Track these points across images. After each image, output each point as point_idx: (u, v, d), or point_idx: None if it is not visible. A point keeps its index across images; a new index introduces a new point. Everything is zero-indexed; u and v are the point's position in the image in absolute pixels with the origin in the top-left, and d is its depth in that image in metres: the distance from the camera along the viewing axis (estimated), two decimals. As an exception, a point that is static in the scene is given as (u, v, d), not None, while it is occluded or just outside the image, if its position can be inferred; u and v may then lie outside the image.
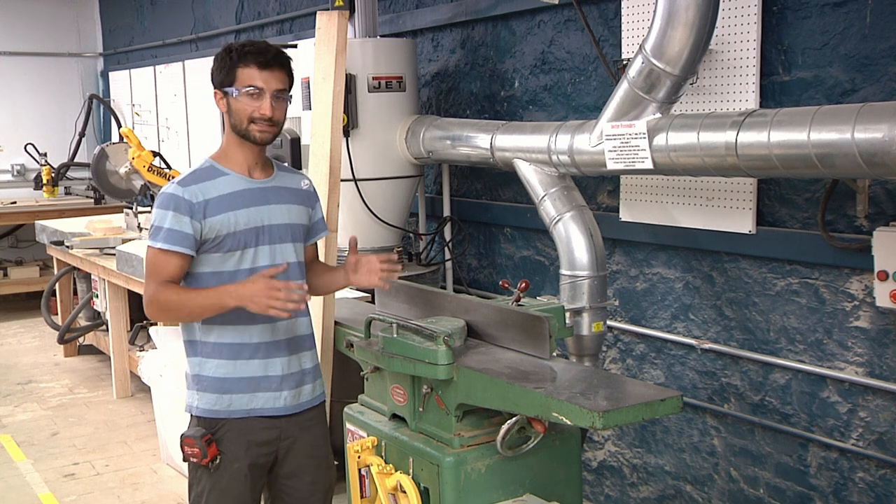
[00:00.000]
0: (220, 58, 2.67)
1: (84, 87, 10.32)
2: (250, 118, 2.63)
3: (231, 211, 2.64)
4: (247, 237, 2.66)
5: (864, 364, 3.24)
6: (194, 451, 2.66)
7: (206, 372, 2.71)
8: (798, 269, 3.42)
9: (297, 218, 2.80)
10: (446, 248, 5.07)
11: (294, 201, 2.81)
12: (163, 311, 2.67)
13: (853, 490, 3.31)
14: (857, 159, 2.69)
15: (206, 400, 2.71)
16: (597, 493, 4.38)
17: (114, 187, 6.85)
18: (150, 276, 2.64)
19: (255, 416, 2.71)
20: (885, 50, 3.07)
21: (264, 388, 2.72)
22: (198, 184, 2.64)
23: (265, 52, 2.64)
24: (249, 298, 2.51)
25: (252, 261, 2.68)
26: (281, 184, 2.79)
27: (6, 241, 9.54)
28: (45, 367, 7.07)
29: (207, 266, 2.66)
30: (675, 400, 2.49)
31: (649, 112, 3.32)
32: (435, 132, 4.50)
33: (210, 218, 2.61)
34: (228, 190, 2.66)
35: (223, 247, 2.64)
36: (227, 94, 2.65)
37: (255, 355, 2.70)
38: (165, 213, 2.60)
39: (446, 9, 4.99)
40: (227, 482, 2.70)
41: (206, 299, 2.59)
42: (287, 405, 2.76)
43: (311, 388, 2.84)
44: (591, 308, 3.60)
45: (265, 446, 2.75)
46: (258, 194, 2.71)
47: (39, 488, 4.77)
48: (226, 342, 2.69)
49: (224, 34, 7.63)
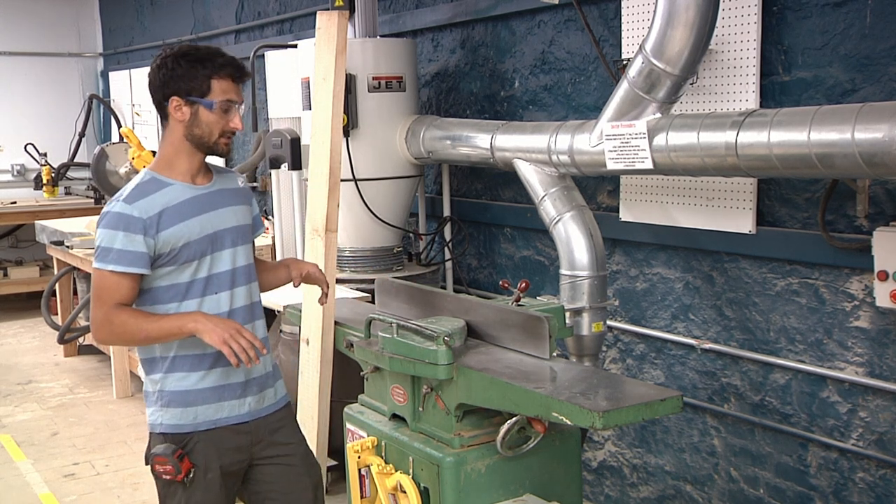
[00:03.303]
0: (182, 65, 2.55)
1: (84, 87, 10.32)
2: (221, 132, 2.58)
3: (184, 221, 2.57)
4: (202, 246, 2.60)
5: (865, 364, 3.24)
6: (167, 469, 2.59)
7: (168, 387, 2.64)
8: (798, 269, 3.42)
9: (243, 219, 2.75)
10: (446, 248, 5.07)
11: (237, 202, 2.75)
12: (116, 335, 2.56)
13: (853, 490, 3.31)
14: (857, 159, 2.69)
15: (171, 415, 2.64)
16: (597, 493, 4.38)
17: (114, 187, 6.84)
18: (99, 298, 2.53)
19: (222, 426, 2.67)
20: (885, 50, 3.07)
21: (228, 397, 2.67)
22: (145, 198, 2.54)
23: (239, 66, 2.60)
24: (210, 329, 2.46)
25: (209, 268, 2.62)
26: (222, 186, 2.72)
27: (6, 241, 9.54)
28: (45, 367, 7.07)
29: (162, 280, 2.58)
30: (675, 400, 2.49)
31: (649, 112, 3.32)
32: (435, 132, 4.50)
33: (163, 231, 2.53)
34: (178, 200, 2.58)
35: (179, 259, 2.57)
36: (196, 104, 2.55)
37: (217, 364, 2.64)
38: (115, 233, 2.49)
39: (446, 9, 4.99)
40: (202, 494, 2.64)
41: (167, 323, 2.52)
42: (251, 409, 2.71)
43: (273, 392, 2.79)
44: (591, 308, 3.60)
45: (237, 453, 2.70)
46: (205, 200, 2.64)
47: (39, 488, 4.77)
48: (187, 354, 2.63)
49: (224, 34, 7.63)
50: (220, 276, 2.64)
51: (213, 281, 2.63)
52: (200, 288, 2.61)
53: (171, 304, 2.60)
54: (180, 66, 2.55)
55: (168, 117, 2.60)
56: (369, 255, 4.73)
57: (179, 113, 2.57)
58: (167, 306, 2.59)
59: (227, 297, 2.65)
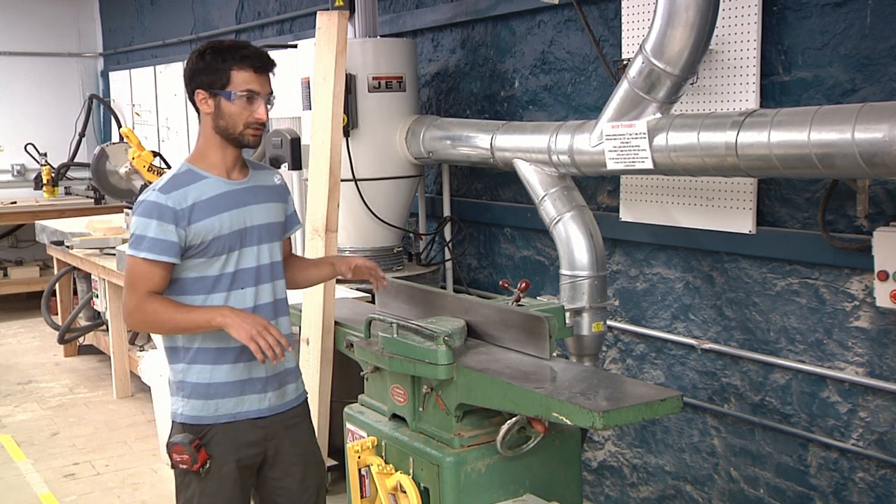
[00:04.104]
0: (206, 58, 2.61)
1: (84, 87, 10.32)
2: (246, 123, 2.62)
3: (216, 215, 2.60)
4: (231, 240, 2.63)
5: (865, 364, 3.24)
6: (184, 458, 2.63)
7: (190, 378, 2.68)
8: (798, 269, 3.42)
9: (275, 216, 2.79)
10: (446, 248, 5.07)
11: (271, 199, 2.78)
12: (147, 322, 2.61)
13: (853, 490, 3.31)
14: (858, 159, 2.69)
15: (192, 406, 2.68)
16: (597, 493, 4.38)
17: (114, 187, 6.85)
18: (132, 285, 2.57)
19: (241, 420, 2.70)
20: (885, 50, 3.07)
21: (249, 391, 2.70)
22: (179, 189, 2.58)
23: (261, 56, 2.62)
24: (238, 325, 2.49)
25: (236, 264, 2.65)
26: (257, 183, 2.76)
27: (6, 241, 9.54)
28: (45, 367, 7.07)
29: (191, 271, 2.62)
30: (675, 400, 2.49)
31: (649, 112, 3.32)
32: (435, 132, 4.50)
33: (195, 224, 2.57)
34: (210, 194, 2.62)
35: (209, 251, 2.60)
36: (218, 96, 2.60)
37: (240, 358, 2.67)
38: (148, 221, 2.54)
39: (446, 9, 4.99)
40: (216, 486, 2.67)
41: (197, 315, 2.56)
42: (272, 405, 2.74)
43: (294, 388, 2.83)
44: (591, 308, 3.60)
45: (253, 447, 2.73)
46: (239, 195, 2.68)
47: (39, 488, 4.77)
48: (210, 347, 2.66)
49: (224, 34, 7.62)
50: (246, 271, 2.67)
51: (240, 276, 2.66)
52: (227, 282, 2.64)
53: (199, 296, 2.63)
54: (203, 59, 2.61)
55: (199, 111, 2.66)
56: (369, 255, 4.73)
57: (206, 106, 2.62)
58: (194, 298, 2.63)
59: (252, 293, 2.68)
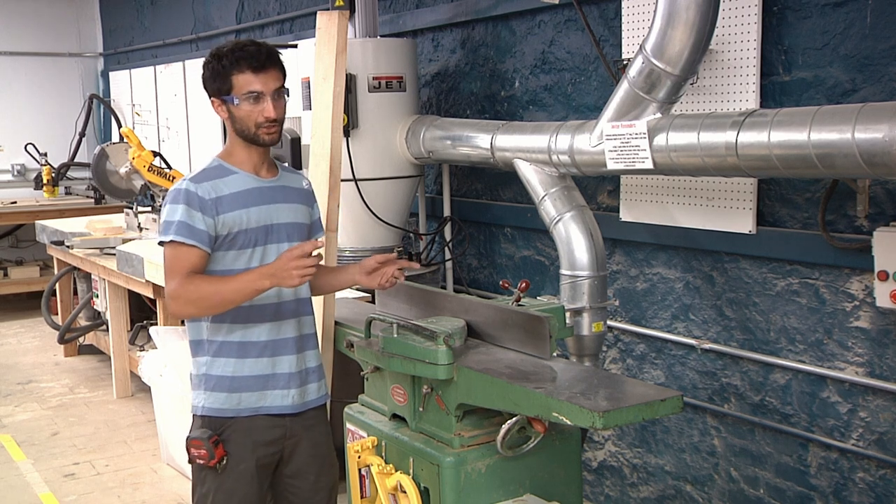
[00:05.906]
0: (210, 66, 2.65)
1: (84, 87, 10.32)
2: (256, 123, 2.64)
3: (243, 208, 2.65)
4: (257, 235, 2.68)
5: (865, 364, 3.24)
6: (201, 453, 2.65)
7: (214, 371, 2.71)
8: (798, 270, 3.42)
9: (301, 217, 2.83)
10: (446, 248, 5.07)
11: (298, 201, 2.83)
12: (191, 302, 2.58)
13: (853, 490, 3.31)
14: (858, 159, 2.69)
15: (214, 399, 2.70)
16: (597, 493, 4.38)
17: (114, 187, 6.84)
18: (170, 271, 2.59)
19: (263, 415, 2.72)
20: (885, 50, 3.07)
21: (272, 386, 2.73)
22: (210, 181, 2.65)
23: (258, 55, 2.62)
24: (282, 278, 2.51)
25: (261, 259, 2.69)
26: (286, 183, 2.82)
27: (6, 241, 9.54)
28: (45, 367, 7.07)
29: (219, 264, 2.66)
30: (675, 400, 2.49)
31: (649, 112, 3.32)
32: (435, 132, 4.50)
33: (223, 215, 2.62)
34: (239, 188, 2.67)
35: (235, 244, 2.65)
36: (227, 102, 2.64)
37: (264, 353, 2.71)
38: (176, 207, 2.60)
39: (446, 9, 4.99)
40: (232, 483, 2.70)
41: (241, 283, 2.55)
42: (294, 403, 2.77)
43: (315, 387, 2.86)
44: (591, 308, 3.60)
45: (271, 445, 2.75)
46: (267, 193, 2.73)
47: (39, 488, 4.77)
48: (234, 341, 2.70)
49: (224, 34, 7.63)
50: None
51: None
52: None
53: None
54: (208, 68, 2.66)
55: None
56: (369, 254, 4.70)
57: (221, 112, 2.69)
58: None
59: (276, 290, 2.69)
